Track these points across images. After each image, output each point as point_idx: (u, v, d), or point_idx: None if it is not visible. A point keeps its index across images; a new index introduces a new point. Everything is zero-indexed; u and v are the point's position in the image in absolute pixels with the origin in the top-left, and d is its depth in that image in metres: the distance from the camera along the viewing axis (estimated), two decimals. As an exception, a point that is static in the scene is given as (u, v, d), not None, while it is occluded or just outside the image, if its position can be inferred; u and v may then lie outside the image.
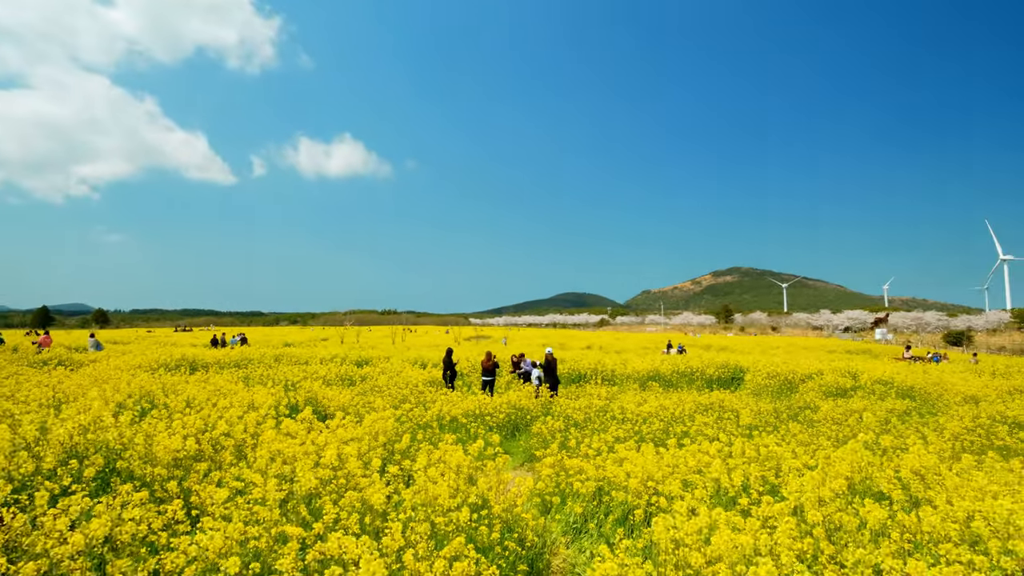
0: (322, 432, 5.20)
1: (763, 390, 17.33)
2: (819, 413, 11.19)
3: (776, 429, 8.92)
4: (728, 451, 5.61)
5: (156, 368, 17.53)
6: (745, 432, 8.97)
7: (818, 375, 18.53)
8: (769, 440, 6.02)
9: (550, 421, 9.09)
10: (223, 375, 15.82)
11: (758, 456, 5.55)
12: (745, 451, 5.57)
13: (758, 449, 5.75)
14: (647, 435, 8.59)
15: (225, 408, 8.18)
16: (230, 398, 9.00)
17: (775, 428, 9.17)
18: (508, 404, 10.63)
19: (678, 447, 6.67)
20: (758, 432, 9.27)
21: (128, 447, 4.35)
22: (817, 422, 10.48)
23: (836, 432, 8.83)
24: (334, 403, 9.94)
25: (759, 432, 9.13)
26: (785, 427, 9.04)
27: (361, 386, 14.39)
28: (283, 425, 5.33)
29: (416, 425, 8.74)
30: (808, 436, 7.52)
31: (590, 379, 18.10)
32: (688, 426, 9.08)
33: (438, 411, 9.52)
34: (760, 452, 5.54)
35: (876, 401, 13.65)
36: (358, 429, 5.32)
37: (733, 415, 10.09)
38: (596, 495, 4.99)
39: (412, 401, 10.40)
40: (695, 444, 6.11)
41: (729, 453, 5.65)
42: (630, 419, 9.58)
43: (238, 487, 3.77)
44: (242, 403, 8.59)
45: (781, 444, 5.94)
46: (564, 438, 8.52)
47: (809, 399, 14.21)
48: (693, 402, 12.15)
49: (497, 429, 9.64)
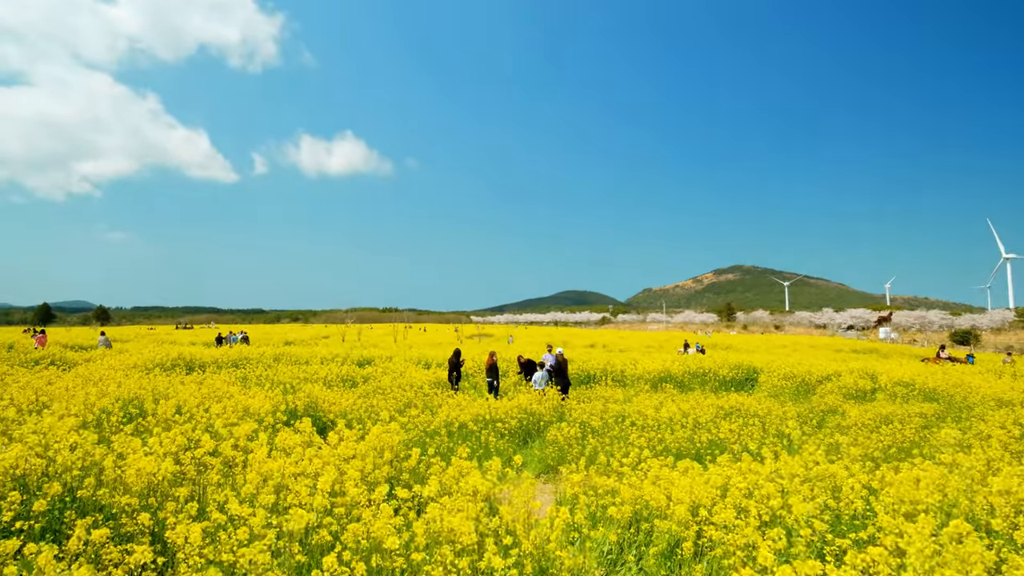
0: (321, 448, 4.61)
1: (780, 392, 16.71)
2: (848, 419, 10.58)
3: (810, 437, 8.32)
4: (776, 468, 4.99)
5: (152, 368, 16.97)
6: (777, 441, 8.38)
7: (835, 376, 17.91)
8: (817, 455, 5.41)
9: (565, 428, 8.49)
10: (220, 375, 15.26)
11: (807, 473, 4.95)
12: (794, 469, 4.96)
13: (807, 466, 5.15)
14: (671, 444, 8.01)
15: (218, 415, 7.60)
16: (224, 403, 8.42)
17: (808, 436, 8.56)
18: (519, 409, 10.04)
19: (713, 461, 6.06)
20: (788, 440, 8.68)
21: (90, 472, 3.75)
22: (848, 428, 9.89)
23: (877, 441, 8.23)
24: (335, 408, 9.34)
25: (792, 440, 8.54)
26: (820, 436, 8.44)
27: (363, 387, 13.81)
28: (279, 438, 4.74)
29: (423, 432, 8.15)
30: (855, 448, 6.90)
31: (600, 380, 17.51)
32: (714, 433, 8.48)
33: (446, 417, 8.92)
34: (810, 470, 4.95)
35: (900, 404, 13.04)
36: (361, 445, 4.72)
37: (759, 421, 9.48)
38: (632, 520, 4.39)
39: (418, 405, 9.81)
40: (738, 461, 5.48)
41: (776, 470, 5.03)
42: (650, 425, 8.99)
43: (221, 520, 3.19)
44: (237, 408, 8.01)
45: (835, 460, 5.32)
46: (584, 448, 7.92)
47: (831, 402, 13.62)
48: (712, 406, 11.54)
49: (509, 436, 9.05)
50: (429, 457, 5.08)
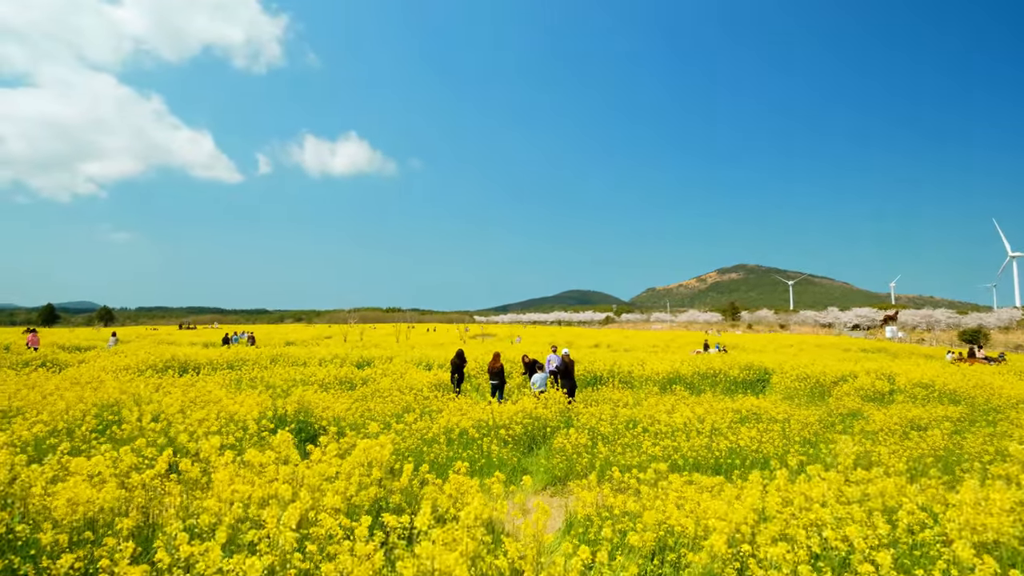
0: (298, 466, 4.02)
1: (794, 394, 16.08)
2: (872, 423, 9.97)
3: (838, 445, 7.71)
4: (826, 489, 4.37)
5: (144, 370, 16.46)
6: (803, 450, 7.78)
7: (851, 377, 17.27)
8: (860, 473, 4.80)
9: (573, 435, 7.91)
10: (214, 378, 14.74)
11: (853, 492, 4.35)
12: (837, 485, 4.37)
13: (852, 482, 4.56)
14: (688, 453, 7.41)
15: (199, 421, 7.06)
16: (208, 408, 7.87)
17: (836, 444, 7.95)
18: (524, 413, 9.45)
19: (735, 473, 5.46)
20: (815, 449, 8.07)
21: (10, 501, 3.18)
22: (874, 434, 9.28)
23: (907, 449, 7.62)
24: (329, 412, 8.77)
25: (818, 448, 7.93)
26: (847, 442, 7.82)
27: (362, 390, 13.26)
28: (248, 454, 4.17)
29: (421, 440, 7.57)
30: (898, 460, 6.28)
31: (606, 381, 16.91)
32: (732, 440, 7.88)
33: (446, 423, 8.34)
34: (857, 487, 4.35)
35: (923, 407, 12.41)
36: (345, 462, 4.13)
37: (779, 427, 8.86)
38: (656, 550, 3.81)
39: (416, 410, 9.24)
40: (770, 476, 4.88)
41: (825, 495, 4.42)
42: (664, 432, 8.39)
43: (165, 563, 2.62)
44: (220, 415, 7.46)
45: (882, 477, 4.71)
46: (594, 457, 7.33)
47: (850, 405, 13.01)
48: (727, 409, 10.94)
49: (513, 444, 8.46)
50: (423, 473, 4.50)
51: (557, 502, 6.58)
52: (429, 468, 6.73)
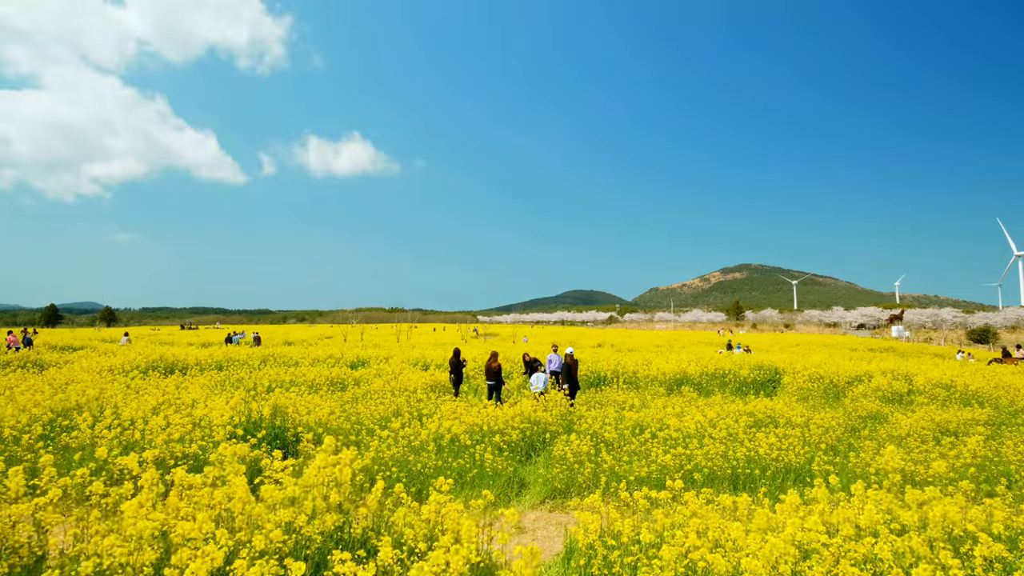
0: (235, 494, 3.30)
1: (807, 395, 15.32)
2: (898, 427, 9.22)
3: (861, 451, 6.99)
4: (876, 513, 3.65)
5: (129, 370, 15.84)
6: (828, 458, 7.06)
7: (866, 378, 16.51)
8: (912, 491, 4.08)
9: (575, 441, 7.21)
10: (200, 379, 14.10)
11: (911, 517, 3.64)
12: (890, 509, 3.66)
13: (903, 499, 3.85)
14: (702, 462, 6.69)
15: (162, 428, 6.39)
16: (173, 415, 7.22)
17: (860, 449, 7.23)
18: (522, 417, 8.75)
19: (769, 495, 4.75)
20: (845, 458, 7.35)
21: None
22: (902, 440, 8.55)
23: (941, 457, 6.90)
24: (311, 417, 8.07)
25: (849, 456, 7.20)
26: (868, 448, 7.10)
27: (353, 391, 12.59)
28: (176, 475, 3.46)
29: (408, 447, 6.88)
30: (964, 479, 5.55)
31: (610, 382, 16.21)
32: (749, 447, 7.16)
33: (436, 428, 7.64)
34: (915, 512, 3.64)
35: (948, 409, 11.66)
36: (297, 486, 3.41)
37: (800, 432, 8.13)
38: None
39: (405, 413, 8.55)
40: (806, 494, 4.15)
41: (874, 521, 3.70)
42: (674, 438, 7.67)
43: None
44: (185, 420, 6.79)
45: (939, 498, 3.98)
46: (598, 467, 6.62)
47: (869, 407, 12.26)
48: (740, 412, 10.23)
49: (509, 451, 7.76)
50: (398, 492, 3.80)
51: (557, 519, 5.88)
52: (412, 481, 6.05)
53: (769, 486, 6.42)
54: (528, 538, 5.36)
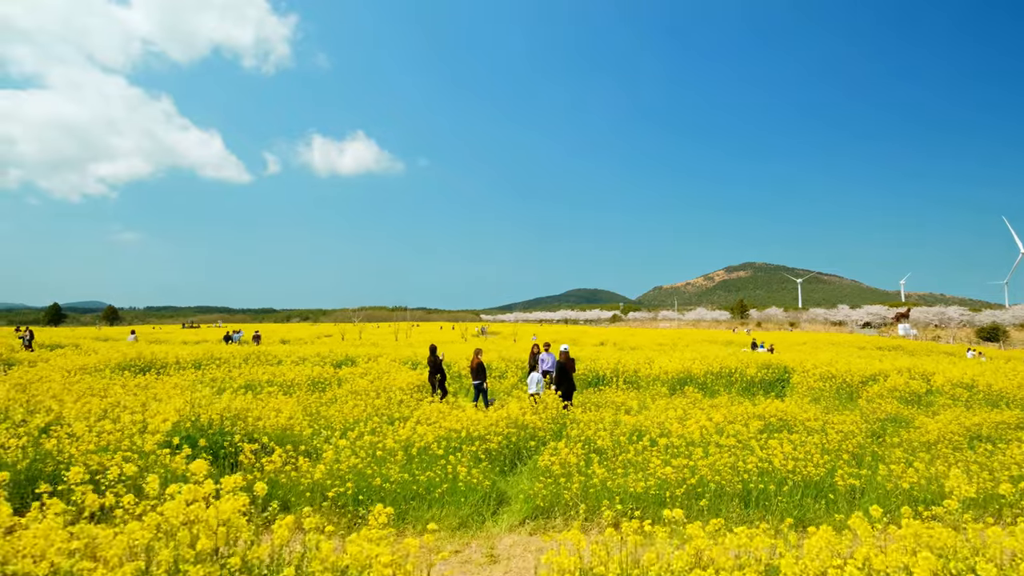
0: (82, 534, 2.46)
1: (819, 395, 14.40)
2: (925, 432, 8.30)
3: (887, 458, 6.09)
4: (940, 564, 2.76)
5: (102, 369, 15.06)
6: (852, 467, 6.18)
7: (881, 377, 15.57)
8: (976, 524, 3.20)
9: (563, 450, 6.34)
10: (174, 378, 13.30)
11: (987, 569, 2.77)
12: (964, 555, 2.80)
13: (967, 537, 2.98)
14: (708, 475, 5.80)
15: (76, 438, 5.58)
16: (124, 416, 6.40)
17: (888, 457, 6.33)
18: (507, 421, 7.89)
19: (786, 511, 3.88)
20: (871, 469, 6.46)
21: None
22: (931, 446, 7.65)
23: (984, 469, 6.01)
24: (267, 424, 7.17)
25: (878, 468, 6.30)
26: (898, 457, 6.20)
27: (334, 391, 11.75)
28: (52, 507, 2.63)
29: (371, 456, 6.00)
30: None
31: (610, 381, 15.32)
32: (762, 456, 6.27)
33: (407, 435, 6.77)
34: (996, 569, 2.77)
35: (970, 410, 10.74)
36: (143, 527, 2.50)
37: (818, 439, 7.23)
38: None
39: (375, 418, 7.69)
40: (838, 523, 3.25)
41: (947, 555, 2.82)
42: (676, 445, 6.79)
43: None
44: (117, 427, 5.97)
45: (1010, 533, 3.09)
46: (588, 480, 5.75)
47: (888, 408, 11.34)
48: (749, 415, 9.33)
49: (489, 460, 6.89)
50: (310, 529, 2.93)
51: (537, 544, 5.00)
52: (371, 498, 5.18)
53: (787, 504, 5.54)
54: (500, 570, 4.50)
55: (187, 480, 3.94)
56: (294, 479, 5.35)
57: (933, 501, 5.66)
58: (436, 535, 5.08)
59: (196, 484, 2.97)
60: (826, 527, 3.00)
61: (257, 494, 3.40)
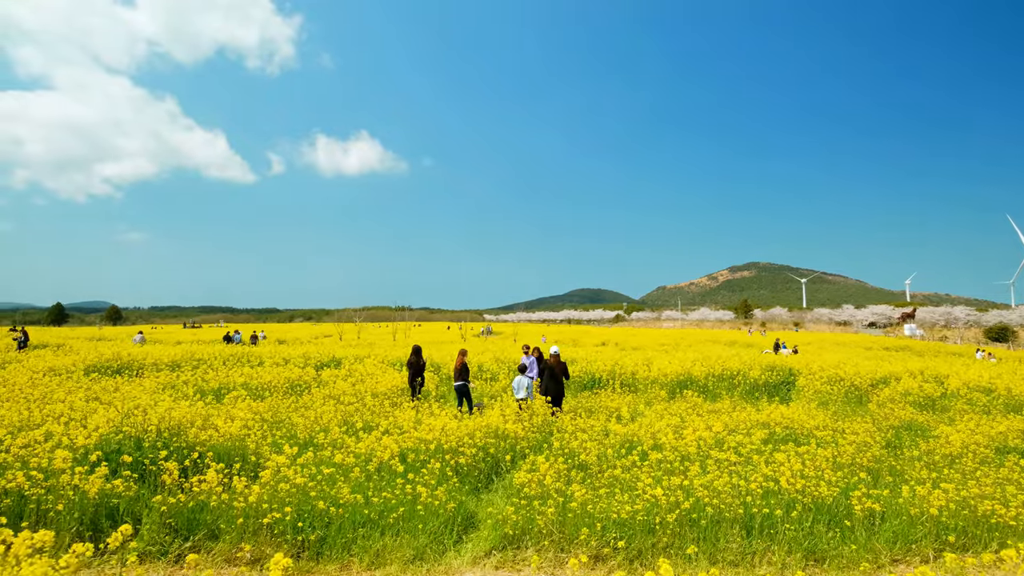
0: None
1: (826, 399, 13.61)
2: (948, 443, 7.52)
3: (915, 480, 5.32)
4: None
5: (74, 371, 14.40)
6: (870, 486, 5.41)
7: (893, 379, 14.76)
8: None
9: (542, 465, 5.60)
10: (147, 381, 12.62)
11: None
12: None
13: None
14: (705, 497, 5.05)
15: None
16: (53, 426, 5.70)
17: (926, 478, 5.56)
18: (486, 430, 7.16)
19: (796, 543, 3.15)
20: (893, 487, 5.69)
21: None
22: (954, 459, 6.89)
23: None
24: (209, 435, 6.40)
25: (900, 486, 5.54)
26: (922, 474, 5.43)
27: (312, 395, 11.06)
28: None
29: (319, 477, 5.27)
30: None
31: (606, 384, 14.58)
32: (768, 474, 5.52)
33: (369, 447, 6.05)
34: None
35: (987, 417, 9.95)
36: None
37: (829, 452, 6.46)
38: None
39: (335, 428, 6.97)
40: None
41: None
42: (670, 460, 6.04)
43: None
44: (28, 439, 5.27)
45: None
46: (567, 501, 5.00)
47: (901, 414, 10.55)
48: (751, 423, 8.58)
49: (460, 476, 6.15)
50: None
51: None
52: (314, 525, 4.47)
53: (795, 532, 4.78)
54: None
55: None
56: (226, 502, 4.63)
57: (966, 530, 4.90)
58: (385, 571, 4.36)
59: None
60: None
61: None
